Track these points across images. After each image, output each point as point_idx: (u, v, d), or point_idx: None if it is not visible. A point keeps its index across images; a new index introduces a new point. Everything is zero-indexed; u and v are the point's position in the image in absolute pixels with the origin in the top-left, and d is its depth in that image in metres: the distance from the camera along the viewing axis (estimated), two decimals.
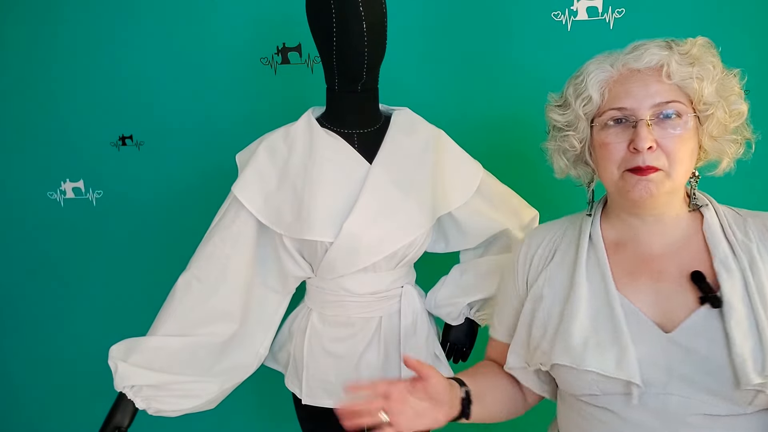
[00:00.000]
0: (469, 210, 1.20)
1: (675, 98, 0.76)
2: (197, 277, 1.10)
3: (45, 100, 1.56)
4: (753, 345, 0.70)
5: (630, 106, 0.77)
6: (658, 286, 0.79)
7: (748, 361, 0.69)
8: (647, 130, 0.75)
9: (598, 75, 0.80)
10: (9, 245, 1.66)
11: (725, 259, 0.76)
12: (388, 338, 1.15)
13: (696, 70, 0.76)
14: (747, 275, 0.74)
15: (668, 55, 0.76)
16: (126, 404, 1.02)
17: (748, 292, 0.73)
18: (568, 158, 0.89)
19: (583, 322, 0.80)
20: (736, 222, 0.81)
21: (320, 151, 1.08)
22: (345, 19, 0.98)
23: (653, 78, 0.77)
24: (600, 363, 0.76)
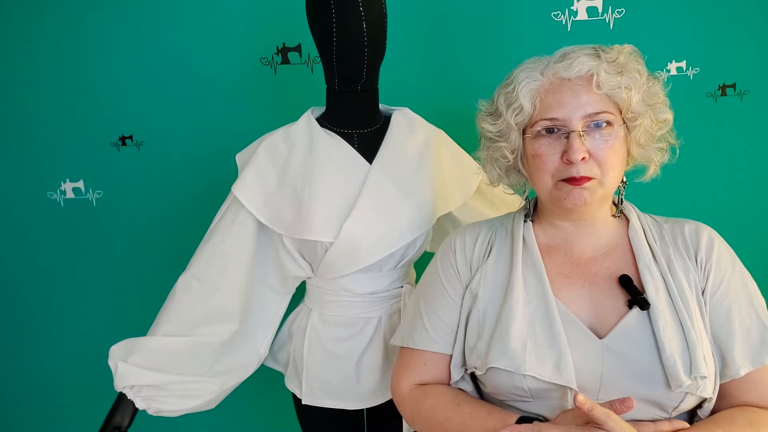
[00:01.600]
0: (469, 210, 1.20)
1: (605, 108, 0.77)
2: (197, 277, 1.10)
3: (45, 100, 1.56)
4: (680, 346, 0.72)
5: (562, 117, 0.77)
6: (592, 290, 0.80)
7: (678, 363, 0.71)
8: (580, 141, 0.76)
9: (529, 84, 0.80)
10: (9, 245, 1.66)
11: (649, 263, 0.79)
12: (388, 338, 1.15)
13: (624, 79, 0.77)
14: (667, 278, 0.77)
15: (597, 65, 0.76)
16: (126, 404, 1.02)
17: (670, 294, 0.76)
18: (500, 167, 0.90)
19: (520, 325, 0.79)
20: (654, 227, 0.84)
21: (320, 151, 1.08)
22: (345, 19, 0.98)
23: (584, 88, 0.77)
24: (538, 367, 0.76)
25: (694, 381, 0.71)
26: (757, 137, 1.54)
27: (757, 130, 1.54)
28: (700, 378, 0.71)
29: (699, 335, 0.74)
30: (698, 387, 0.71)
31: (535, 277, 0.82)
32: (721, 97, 1.51)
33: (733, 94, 1.51)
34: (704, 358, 0.72)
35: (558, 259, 0.84)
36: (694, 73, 1.50)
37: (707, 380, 0.72)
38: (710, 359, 0.74)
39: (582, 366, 0.75)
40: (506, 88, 0.85)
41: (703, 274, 0.78)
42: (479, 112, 0.90)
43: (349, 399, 1.16)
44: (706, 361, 0.73)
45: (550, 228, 0.87)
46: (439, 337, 0.88)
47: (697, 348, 0.72)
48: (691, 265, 0.79)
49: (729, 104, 1.51)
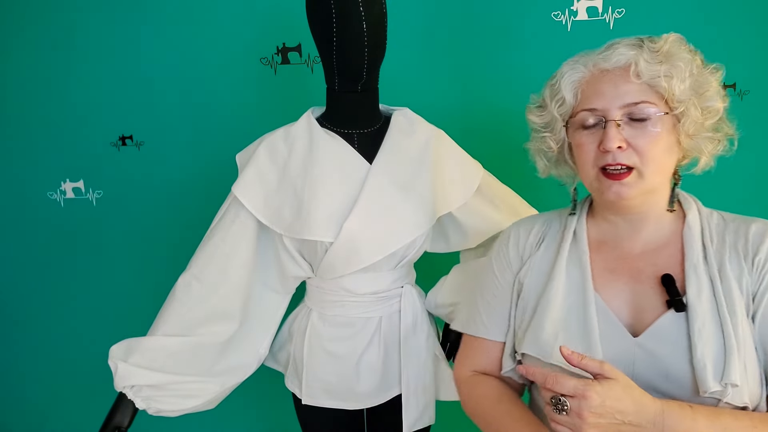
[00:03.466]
0: (469, 210, 1.20)
1: (644, 98, 0.75)
2: (197, 277, 1.09)
3: (45, 100, 1.56)
4: (715, 352, 0.70)
5: (601, 107, 0.77)
6: (635, 287, 0.79)
7: (708, 367, 0.69)
8: (615, 130, 0.75)
9: (571, 76, 0.81)
10: (9, 245, 1.66)
11: (697, 264, 0.76)
12: (388, 338, 1.15)
13: (665, 68, 0.75)
14: (716, 281, 0.74)
15: (636, 55, 0.75)
16: (126, 404, 1.02)
17: (715, 298, 0.73)
18: (548, 159, 0.91)
19: (555, 316, 0.81)
20: (717, 226, 0.80)
21: (320, 151, 1.08)
22: (345, 19, 0.98)
23: (622, 78, 0.76)
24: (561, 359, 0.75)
25: (724, 387, 0.69)
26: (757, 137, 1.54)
27: (757, 130, 1.54)
28: (731, 385, 0.68)
29: (741, 342, 0.70)
30: (727, 394, 0.69)
31: (579, 271, 0.83)
32: None
33: (733, 94, 1.51)
34: (744, 366, 0.70)
35: (606, 253, 0.84)
36: None
37: (741, 389, 0.69)
38: (753, 367, 0.71)
39: (613, 362, 0.73)
40: (552, 80, 0.86)
41: (758, 277, 0.74)
42: (529, 105, 0.91)
43: (349, 399, 1.16)
44: (747, 368, 0.70)
45: (603, 222, 0.86)
46: (494, 326, 0.92)
47: (733, 354, 0.69)
48: (746, 267, 0.75)
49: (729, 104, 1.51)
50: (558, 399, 0.67)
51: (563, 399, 0.67)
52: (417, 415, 1.17)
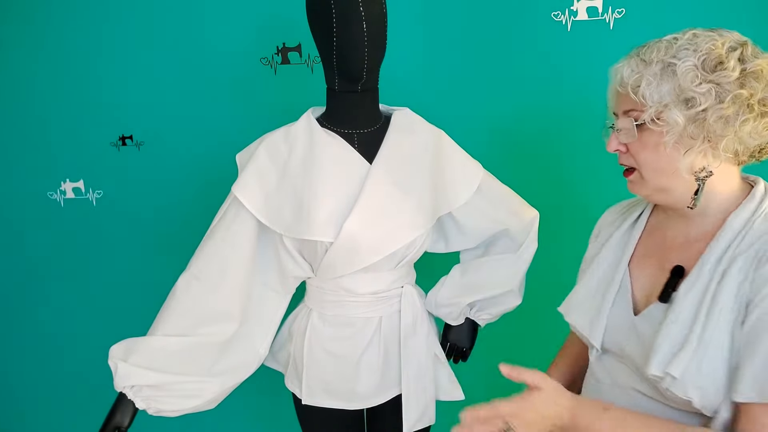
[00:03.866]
0: (469, 210, 1.20)
1: (630, 107, 0.77)
2: (197, 277, 1.09)
3: (45, 100, 1.56)
4: (673, 343, 0.74)
5: (612, 113, 0.84)
6: (658, 273, 0.83)
7: (659, 355, 0.74)
8: (614, 135, 0.82)
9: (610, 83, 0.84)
10: (9, 245, 1.66)
11: (706, 262, 0.76)
12: (388, 338, 1.15)
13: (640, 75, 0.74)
14: (713, 282, 0.74)
15: (624, 64, 0.77)
16: (126, 404, 1.02)
17: (703, 297, 0.74)
18: None
19: (589, 285, 0.91)
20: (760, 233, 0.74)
21: (320, 151, 1.08)
22: (345, 19, 0.98)
23: (615, 89, 0.81)
24: (578, 318, 0.91)
25: (664, 375, 0.73)
26: None
27: None
28: (670, 376, 0.72)
29: (705, 343, 0.72)
30: (665, 382, 0.73)
31: (623, 248, 0.90)
32: None
33: None
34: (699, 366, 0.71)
35: (653, 238, 0.88)
36: None
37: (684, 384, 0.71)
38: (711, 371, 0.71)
39: (614, 332, 0.85)
40: None
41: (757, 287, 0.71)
42: None
43: (349, 399, 1.16)
44: (702, 369, 0.71)
45: (662, 211, 0.89)
46: None
47: (687, 350, 0.72)
48: (751, 275, 0.72)
49: None
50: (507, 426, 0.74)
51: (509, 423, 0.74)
52: (417, 415, 1.17)
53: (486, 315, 1.25)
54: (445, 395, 1.23)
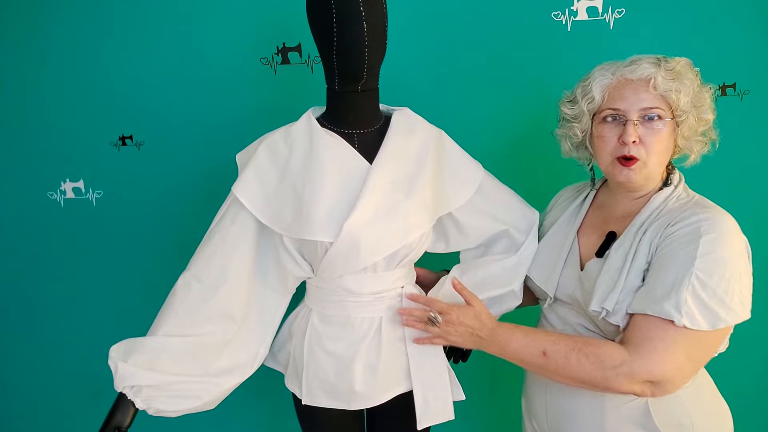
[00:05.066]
0: (470, 210, 1.20)
1: (657, 105, 0.98)
2: (197, 277, 1.09)
3: (45, 100, 1.56)
4: (607, 286, 0.98)
5: (623, 108, 0.99)
6: (600, 239, 1.07)
7: (596, 296, 0.98)
8: (633, 128, 0.98)
9: (602, 80, 1.02)
10: (9, 245, 1.66)
11: (633, 227, 1.01)
12: (389, 338, 1.14)
13: (676, 84, 0.97)
14: (635, 240, 0.99)
15: (656, 71, 0.97)
16: (126, 404, 1.02)
17: (628, 253, 0.98)
18: (572, 143, 1.13)
19: (546, 246, 1.18)
20: (676, 207, 1.00)
21: (320, 151, 1.08)
22: (345, 19, 0.98)
23: (642, 87, 0.98)
24: (535, 273, 1.16)
25: (601, 309, 0.97)
26: (757, 137, 1.54)
27: (757, 130, 1.54)
28: (605, 309, 0.97)
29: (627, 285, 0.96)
30: (602, 314, 0.97)
31: (574, 221, 1.15)
32: (721, 97, 1.51)
33: (733, 94, 1.51)
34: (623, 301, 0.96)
35: (598, 214, 1.13)
36: None
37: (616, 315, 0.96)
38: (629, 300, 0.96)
39: (565, 284, 1.09)
40: (584, 81, 1.06)
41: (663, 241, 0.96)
42: (561, 99, 1.13)
43: (349, 399, 1.16)
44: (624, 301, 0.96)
45: (607, 192, 1.13)
46: None
47: (616, 290, 0.96)
48: (660, 233, 0.97)
49: (729, 104, 1.51)
50: (434, 316, 1.04)
51: (434, 315, 1.04)
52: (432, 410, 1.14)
53: None
54: None
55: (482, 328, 1.02)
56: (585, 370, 0.94)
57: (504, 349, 1.01)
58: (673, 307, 0.89)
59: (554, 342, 0.98)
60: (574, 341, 0.97)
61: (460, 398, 1.22)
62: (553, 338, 0.99)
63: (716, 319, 0.90)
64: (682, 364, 0.92)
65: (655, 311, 0.91)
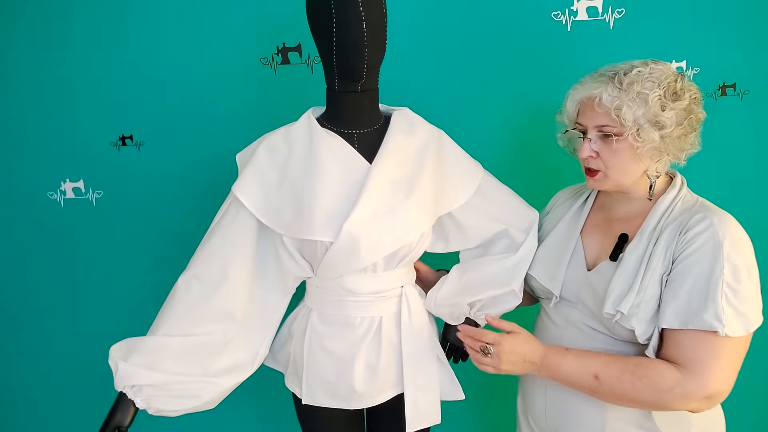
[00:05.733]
0: (469, 210, 1.20)
1: (607, 123, 0.99)
2: (197, 277, 1.10)
3: (45, 100, 1.56)
4: (621, 289, 0.98)
5: (583, 123, 1.04)
6: (605, 240, 1.09)
7: (611, 298, 0.98)
8: (587, 144, 1.03)
9: (574, 94, 1.06)
10: (9, 245, 1.66)
11: (645, 230, 1.01)
12: (389, 338, 1.15)
13: (620, 101, 0.96)
14: (650, 244, 0.99)
15: (601, 90, 0.98)
16: (126, 404, 1.02)
17: (643, 256, 0.98)
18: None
19: (548, 247, 1.18)
20: (683, 210, 1.01)
21: (320, 151, 1.08)
22: (345, 19, 0.98)
23: (593, 105, 1.01)
24: (540, 273, 1.16)
25: (615, 313, 0.97)
26: (757, 137, 1.54)
27: (757, 130, 1.54)
28: (620, 312, 0.96)
29: (643, 289, 0.96)
30: (617, 317, 0.97)
31: (576, 221, 1.16)
32: (721, 97, 1.51)
33: (733, 94, 1.51)
34: (639, 305, 0.96)
35: (600, 214, 1.14)
36: (694, 73, 1.50)
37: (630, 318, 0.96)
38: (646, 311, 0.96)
39: (569, 283, 1.10)
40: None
41: (681, 248, 0.96)
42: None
43: (349, 399, 1.16)
44: (640, 308, 0.96)
45: (607, 193, 1.13)
46: None
47: (632, 294, 0.96)
48: (677, 239, 0.97)
49: (729, 104, 1.51)
50: (485, 346, 1.01)
51: (488, 346, 1.00)
52: (420, 414, 1.16)
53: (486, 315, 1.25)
54: (445, 395, 1.23)
55: (534, 352, 1.01)
56: (640, 394, 0.93)
57: (555, 372, 1.00)
58: (714, 317, 0.89)
59: (605, 365, 0.96)
60: (624, 363, 0.96)
61: (459, 398, 1.22)
62: (603, 360, 0.97)
63: (748, 323, 0.91)
64: (729, 373, 0.92)
65: (696, 325, 0.90)
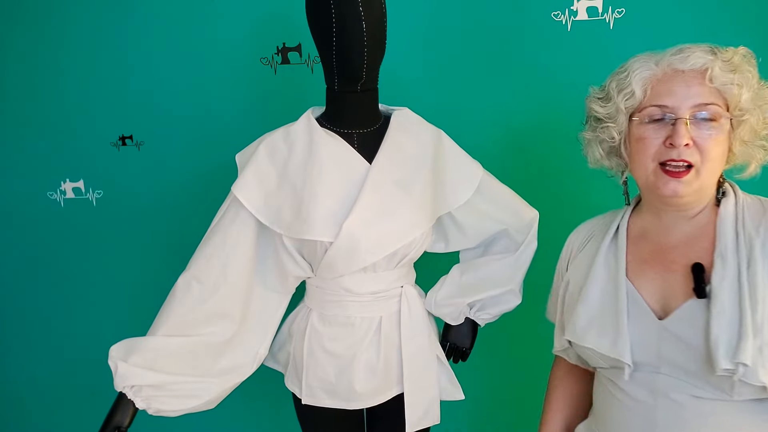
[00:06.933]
0: (469, 210, 1.20)
1: (714, 101, 0.80)
2: (197, 277, 1.09)
3: (45, 100, 1.56)
4: (730, 334, 0.75)
5: (671, 104, 0.81)
6: (667, 275, 0.84)
7: (721, 348, 0.74)
8: (686, 128, 0.79)
9: (642, 72, 0.84)
10: (9, 245, 1.66)
11: (724, 251, 0.80)
12: (389, 338, 1.15)
13: (737, 77, 0.80)
14: (742, 267, 0.78)
15: (712, 60, 0.80)
16: (126, 404, 1.02)
17: (739, 284, 0.77)
18: (603, 149, 0.93)
19: (591, 304, 0.88)
20: (754, 212, 0.83)
21: (320, 151, 1.08)
22: (345, 19, 0.98)
23: (696, 80, 0.80)
24: (597, 341, 0.86)
25: (735, 366, 0.73)
26: None
27: None
28: (741, 365, 0.73)
29: (759, 325, 0.74)
30: (738, 372, 0.73)
31: (615, 261, 0.89)
32: None
33: None
34: (760, 348, 0.73)
35: (644, 245, 0.89)
36: None
37: (755, 369, 0.73)
38: None
39: (641, 343, 0.83)
40: (619, 75, 0.87)
41: None
42: (589, 96, 0.93)
43: (349, 399, 1.16)
44: (762, 351, 0.73)
45: (648, 216, 0.91)
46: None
47: (747, 337, 0.73)
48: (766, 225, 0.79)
49: None
50: None
51: None
52: (420, 414, 1.17)
53: (486, 315, 1.25)
54: (445, 395, 1.23)
55: None
56: None
57: None
58: None
59: None
60: None
61: (459, 398, 1.22)
62: None
63: None
64: None
65: None
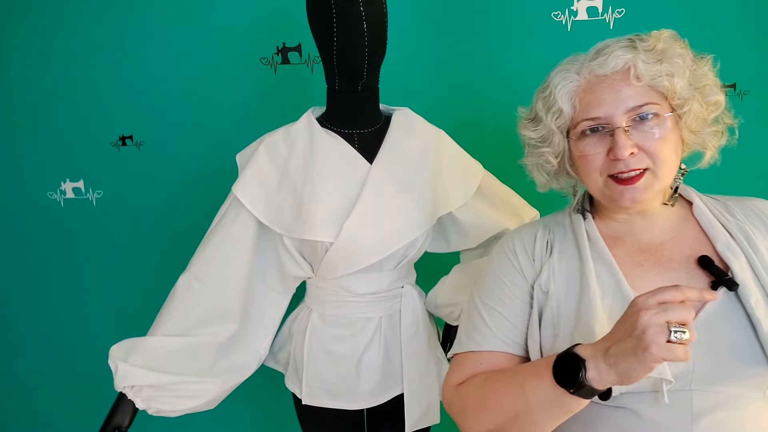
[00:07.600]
0: (470, 210, 1.20)
1: (648, 100, 0.74)
2: (197, 278, 1.09)
3: (45, 100, 1.56)
4: None
5: (604, 115, 0.75)
6: (668, 275, 0.77)
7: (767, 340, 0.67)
8: (625, 137, 0.73)
9: (565, 86, 0.78)
10: (9, 245, 1.66)
11: (728, 242, 0.75)
12: (389, 338, 1.15)
13: (665, 66, 0.74)
14: (750, 255, 0.74)
15: (633, 57, 0.74)
16: (126, 404, 1.02)
17: (755, 272, 0.72)
18: (547, 173, 0.87)
19: (603, 320, 0.75)
20: (720, 206, 0.81)
21: (320, 151, 1.08)
22: (345, 18, 0.98)
23: (622, 82, 0.74)
24: None
25: None
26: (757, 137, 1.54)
27: (757, 130, 1.54)
28: None
29: None
30: None
31: (606, 270, 0.79)
32: None
33: (733, 94, 1.51)
34: None
35: (626, 248, 0.81)
36: None
37: None
38: None
39: None
40: (543, 92, 0.82)
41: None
42: (520, 119, 0.88)
43: (349, 399, 1.16)
44: None
45: (611, 221, 0.84)
46: (506, 337, 0.83)
47: None
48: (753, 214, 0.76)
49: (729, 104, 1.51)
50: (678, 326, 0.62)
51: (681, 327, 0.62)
52: (420, 414, 1.17)
53: None
54: None
55: None
56: None
57: None
58: None
59: None
60: None
61: None
62: None
63: None
64: None
65: None
